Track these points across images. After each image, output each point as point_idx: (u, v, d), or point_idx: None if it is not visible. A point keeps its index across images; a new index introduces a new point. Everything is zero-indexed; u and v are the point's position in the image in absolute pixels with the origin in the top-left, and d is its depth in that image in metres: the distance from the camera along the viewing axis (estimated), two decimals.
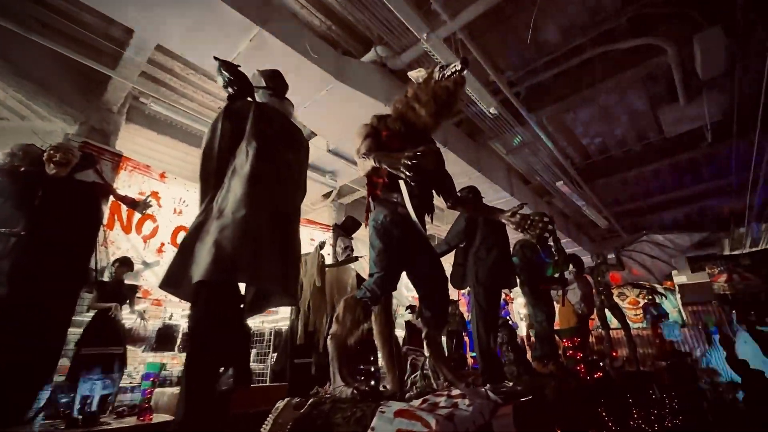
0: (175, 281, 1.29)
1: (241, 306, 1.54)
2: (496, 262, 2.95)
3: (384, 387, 2.59)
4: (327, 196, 6.30)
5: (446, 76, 2.11)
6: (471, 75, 3.76)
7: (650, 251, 6.39)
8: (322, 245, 4.24)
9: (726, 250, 10.01)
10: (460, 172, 4.98)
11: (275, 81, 1.85)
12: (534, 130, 4.95)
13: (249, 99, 1.71)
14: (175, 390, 3.07)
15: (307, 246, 6.58)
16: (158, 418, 2.76)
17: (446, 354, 5.33)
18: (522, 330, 8.40)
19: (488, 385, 1.98)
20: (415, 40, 3.42)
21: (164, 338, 4.20)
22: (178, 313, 4.65)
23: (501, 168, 5.93)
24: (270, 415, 1.58)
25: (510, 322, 6.92)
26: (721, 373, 7.90)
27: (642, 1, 3.68)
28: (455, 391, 1.57)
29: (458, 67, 2.06)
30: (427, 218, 2.30)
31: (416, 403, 1.53)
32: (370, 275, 2.10)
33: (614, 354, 6.96)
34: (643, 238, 6.62)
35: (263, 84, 1.83)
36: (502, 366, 2.88)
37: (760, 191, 7.15)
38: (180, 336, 4.41)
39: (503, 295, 7.97)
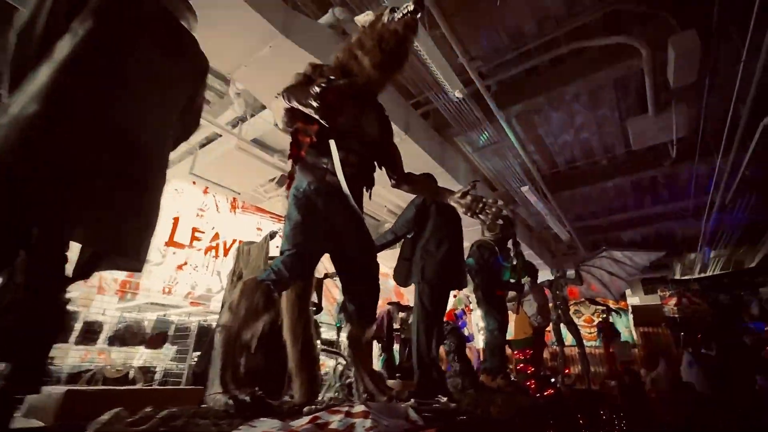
0: None
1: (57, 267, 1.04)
2: (446, 257, 2.57)
3: (290, 396, 2.12)
4: (281, 182, 5.75)
5: (396, 18, 1.73)
6: (439, 53, 3.42)
7: (609, 267, 6.31)
8: (272, 235, 3.85)
9: (677, 274, 10.28)
10: (422, 167, 4.60)
11: None
12: (503, 128, 4.70)
13: None
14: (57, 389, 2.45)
15: (254, 236, 6.00)
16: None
17: (397, 362, 4.92)
18: (479, 342, 8.11)
19: (413, 401, 1.56)
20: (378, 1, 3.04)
21: None
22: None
23: (466, 168, 5.64)
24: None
25: (467, 334, 6.62)
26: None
27: None
28: (358, 408, 1.14)
29: (410, 8, 1.69)
30: (366, 194, 1.89)
31: (299, 422, 1.08)
32: (280, 253, 1.65)
33: (567, 371, 6.82)
34: (603, 254, 6.56)
35: None
36: (443, 377, 2.49)
37: (713, 217, 7.30)
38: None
39: (462, 305, 7.66)
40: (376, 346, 4.75)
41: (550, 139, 5.62)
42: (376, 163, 1.93)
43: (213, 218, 5.37)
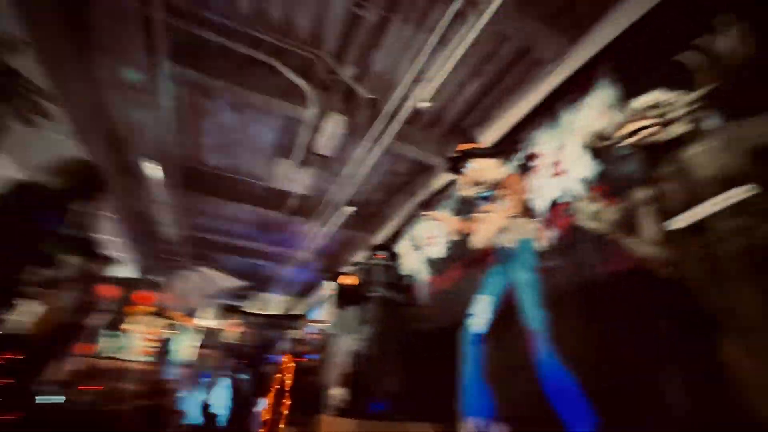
0: None
1: None
2: None
3: None
4: None
5: None
6: None
7: (195, 281, 6.15)
8: None
9: (252, 308, 11.82)
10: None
11: None
12: (162, 83, 3.82)
13: None
14: None
15: None
16: None
17: None
18: None
19: None
20: None
21: None
22: None
23: (82, 92, 4.06)
24: None
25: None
26: (186, 415, 8.19)
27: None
28: None
29: None
30: None
31: None
32: None
33: (97, 388, 5.67)
34: (197, 268, 6.45)
35: None
36: None
37: (293, 270, 9.13)
38: None
39: None
40: None
41: (209, 132, 5.18)
42: None
43: None
